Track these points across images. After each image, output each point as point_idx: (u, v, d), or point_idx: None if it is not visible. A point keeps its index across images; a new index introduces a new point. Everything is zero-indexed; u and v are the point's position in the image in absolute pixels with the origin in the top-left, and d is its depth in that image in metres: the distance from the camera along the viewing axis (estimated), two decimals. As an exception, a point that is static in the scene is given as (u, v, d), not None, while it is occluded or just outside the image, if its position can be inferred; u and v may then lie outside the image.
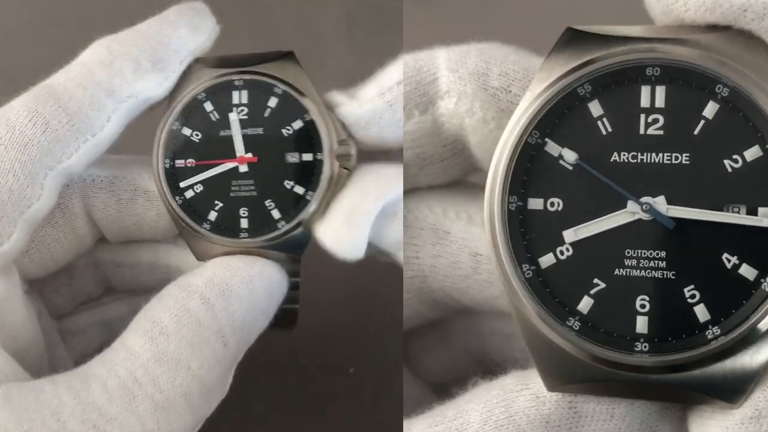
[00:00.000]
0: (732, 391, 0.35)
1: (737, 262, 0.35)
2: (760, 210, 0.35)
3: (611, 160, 0.37)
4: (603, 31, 0.38)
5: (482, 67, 0.41)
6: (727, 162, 0.36)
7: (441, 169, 0.44)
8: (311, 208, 0.44)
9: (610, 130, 0.37)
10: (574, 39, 0.38)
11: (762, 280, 0.35)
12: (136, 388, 0.39)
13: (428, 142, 0.43)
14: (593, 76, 0.37)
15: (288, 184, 0.45)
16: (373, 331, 0.54)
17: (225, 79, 0.46)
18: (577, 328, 0.37)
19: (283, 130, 0.45)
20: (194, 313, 0.41)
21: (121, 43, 0.44)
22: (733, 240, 0.35)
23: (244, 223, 0.45)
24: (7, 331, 0.42)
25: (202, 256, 0.45)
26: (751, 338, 0.35)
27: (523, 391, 0.36)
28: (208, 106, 0.46)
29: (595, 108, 0.37)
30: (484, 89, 0.40)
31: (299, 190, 0.45)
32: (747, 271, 0.35)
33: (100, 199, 0.46)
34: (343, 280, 0.46)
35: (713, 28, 0.36)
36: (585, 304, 0.37)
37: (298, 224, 0.44)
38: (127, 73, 0.44)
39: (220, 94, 0.46)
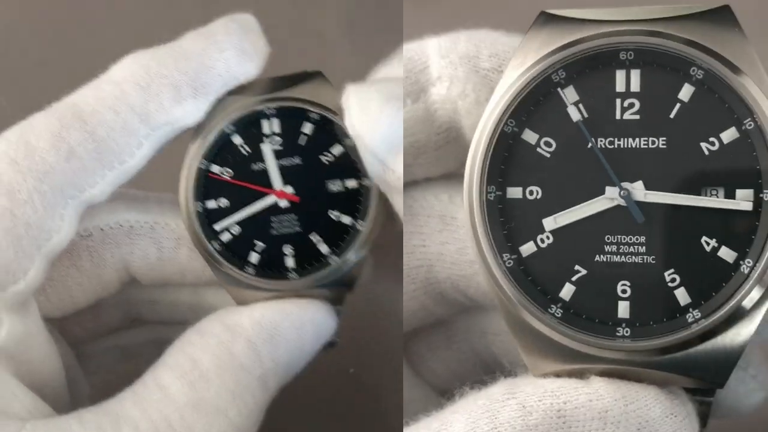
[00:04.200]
0: (715, 372, 0.35)
1: (716, 245, 0.35)
2: (738, 192, 0.35)
3: (588, 146, 0.37)
4: (577, 14, 0.37)
5: (472, 50, 0.40)
6: (703, 145, 0.35)
7: (435, 158, 0.43)
8: (361, 236, 0.42)
9: (586, 116, 0.37)
10: (548, 22, 0.37)
11: (741, 262, 0.35)
12: None
13: (421, 130, 0.42)
14: (567, 61, 0.37)
15: (333, 214, 0.43)
16: (373, 331, 0.54)
17: (254, 109, 0.42)
18: (560, 315, 0.37)
19: (322, 157, 0.43)
20: (238, 358, 0.38)
21: (161, 63, 0.41)
22: (712, 223, 0.35)
23: (290, 262, 0.42)
24: (27, 366, 0.39)
25: (244, 303, 0.42)
26: (731, 320, 0.35)
27: (509, 401, 0.35)
28: (237, 139, 0.43)
29: (571, 94, 0.37)
30: (476, 71, 0.40)
31: (346, 219, 0.42)
32: (726, 254, 0.35)
33: (139, 247, 0.43)
34: None
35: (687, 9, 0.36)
36: (567, 291, 0.37)
37: (350, 255, 0.42)
38: (164, 99, 0.40)
39: (249, 125, 0.43)
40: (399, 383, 0.47)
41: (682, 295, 0.36)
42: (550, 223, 0.37)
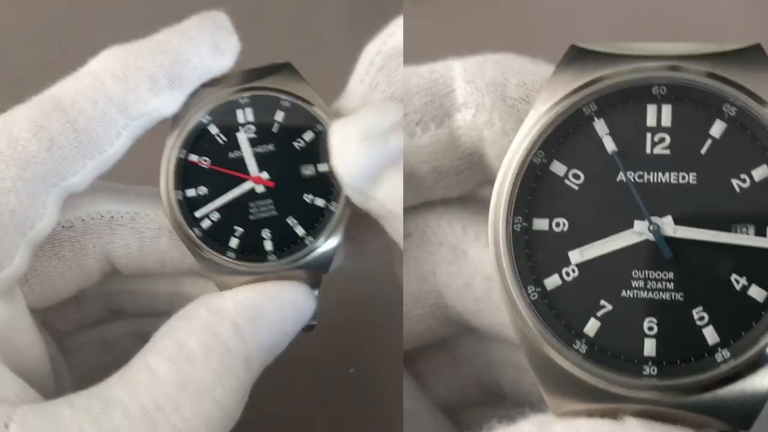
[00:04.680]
0: (743, 415, 0.34)
1: (746, 283, 0.35)
2: (769, 230, 0.35)
3: (617, 179, 0.37)
4: (608, 49, 0.37)
5: (500, 77, 0.40)
6: (734, 181, 0.35)
7: (456, 182, 0.43)
8: (334, 217, 0.43)
9: (616, 149, 0.37)
10: (578, 57, 0.38)
11: (772, 302, 0.34)
12: (159, 415, 0.37)
13: (444, 156, 0.42)
14: (599, 95, 0.37)
15: (308, 197, 0.44)
16: (373, 331, 0.54)
17: (228, 99, 0.44)
18: (584, 351, 0.36)
19: (295, 143, 0.44)
20: (223, 340, 0.39)
21: (138, 56, 0.42)
22: (742, 261, 0.35)
23: (268, 245, 0.44)
24: (13, 354, 0.40)
25: (227, 288, 0.43)
26: (761, 361, 0.34)
27: None
28: (213, 129, 0.44)
29: (601, 127, 0.37)
30: (503, 100, 0.40)
31: (320, 202, 0.44)
32: (756, 293, 0.35)
33: (120, 237, 0.44)
34: (344, 280, 0.46)
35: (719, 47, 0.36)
36: (592, 327, 0.36)
37: (325, 237, 0.43)
38: (142, 90, 0.42)
39: (224, 115, 0.44)
40: (399, 383, 0.46)
41: (710, 334, 0.35)
42: (576, 256, 0.37)
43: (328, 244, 0.44)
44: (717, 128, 0.36)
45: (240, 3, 0.45)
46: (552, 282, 0.37)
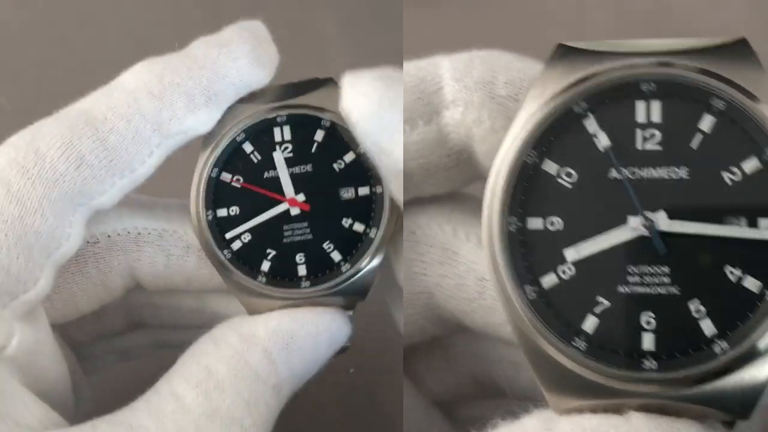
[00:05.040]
0: (742, 404, 0.35)
1: (740, 274, 0.35)
2: (761, 221, 0.35)
3: (610, 176, 0.37)
4: (595, 47, 0.37)
5: (488, 75, 0.40)
6: (725, 174, 0.36)
7: (445, 178, 0.43)
8: (374, 244, 0.42)
9: (606, 146, 0.37)
10: (565, 55, 0.38)
11: (766, 292, 0.35)
12: None
13: (433, 152, 0.41)
14: (588, 93, 0.37)
15: (346, 222, 0.42)
16: (373, 331, 0.53)
17: (265, 117, 0.43)
18: (584, 348, 0.36)
19: (335, 165, 0.43)
20: (254, 368, 0.38)
21: (174, 72, 0.40)
22: (735, 253, 0.35)
23: (302, 270, 0.42)
24: (36, 376, 0.39)
25: (256, 313, 0.42)
26: (758, 351, 0.34)
27: None
28: (248, 147, 0.43)
29: (591, 125, 0.37)
30: (492, 98, 0.40)
31: (359, 227, 0.42)
32: (751, 284, 0.35)
33: (147, 254, 0.43)
34: None
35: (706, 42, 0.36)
36: (590, 324, 0.36)
37: (363, 263, 0.42)
38: (177, 108, 0.40)
39: (260, 133, 0.43)
40: (399, 383, 0.46)
41: (707, 326, 0.35)
42: (571, 253, 0.37)
43: (365, 269, 0.42)
44: (706, 122, 0.36)
45: (240, 3, 0.44)
46: (549, 280, 0.37)
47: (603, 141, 0.37)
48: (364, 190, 0.43)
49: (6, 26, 0.40)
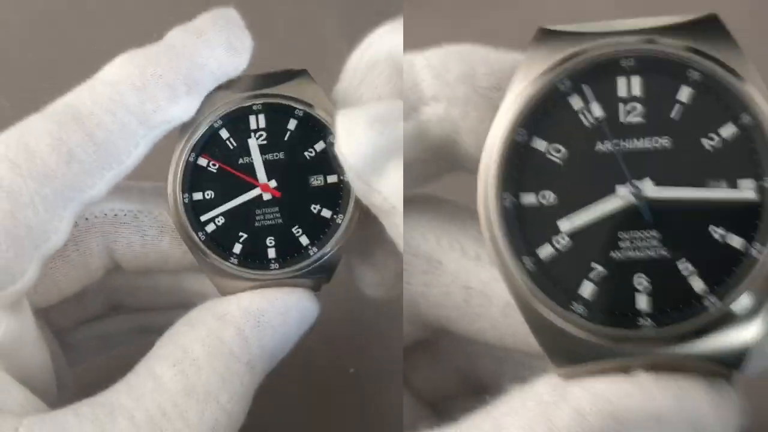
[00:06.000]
0: (734, 356, 0.37)
1: (724, 233, 0.38)
2: (740, 182, 0.38)
3: (596, 149, 0.39)
4: (574, 29, 0.40)
5: (467, 69, 0.41)
6: (705, 141, 0.38)
7: (421, 171, 0.44)
8: (340, 229, 0.43)
9: (592, 121, 0.39)
10: (547, 37, 0.40)
11: (749, 247, 0.37)
12: (164, 423, 0.37)
13: (412, 148, 0.43)
14: (571, 71, 0.39)
15: (314, 208, 0.44)
16: (373, 331, 0.54)
17: (241, 105, 0.44)
18: (582, 311, 0.38)
19: (306, 153, 0.44)
20: (228, 345, 0.39)
21: (155, 63, 0.41)
22: (718, 213, 0.38)
23: (272, 253, 0.44)
24: (18, 364, 0.40)
25: (228, 293, 0.43)
26: (746, 303, 0.37)
27: (561, 405, 0.36)
28: (224, 134, 0.44)
29: (576, 101, 0.39)
30: (474, 90, 0.41)
31: (326, 213, 0.44)
32: (735, 241, 0.37)
33: (123, 235, 0.44)
34: (343, 280, 0.46)
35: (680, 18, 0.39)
36: (586, 289, 0.38)
37: (329, 248, 0.43)
38: (160, 99, 0.41)
39: (236, 120, 0.44)
40: (399, 383, 0.47)
41: (697, 283, 0.37)
42: (565, 224, 0.39)
43: (331, 253, 0.44)
44: (684, 93, 0.38)
45: (240, 3, 0.45)
46: (545, 251, 0.39)
47: (589, 116, 0.39)
48: (332, 178, 0.44)
49: (6, 26, 0.40)
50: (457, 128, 0.42)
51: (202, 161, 0.44)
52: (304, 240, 0.44)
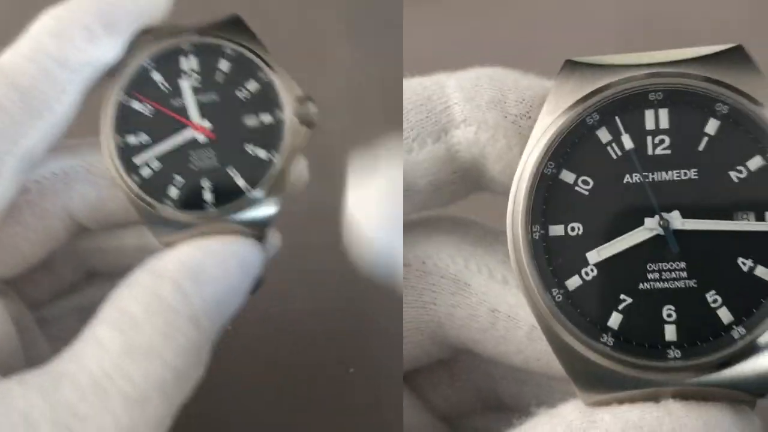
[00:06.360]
0: (759, 384, 0.37)
1: (752, 264, 0.38)
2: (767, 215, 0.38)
3: (624, 182, 0.39)
4: (602, 61, 0.40)
5: (498, 95, 0.42)
6: (732, 173, 0.38)
7: (449, 193, 0.45)
8: (275, 169, 0.43)
9: (620, 154, 0.39)
10: (574, 69, 0.40)
11: (777, 279, 0.38)
12: (108, 384, 0.37)
13: (441, 170, 0.43)
14: (600, 105, 0.39)
15: (249, 148, 0.44)
16: (373, 330, 0.54)
17: (172, 45, 0.44)
18: (611, 343, 0.39)
19: (238, 93, 0.44)
20: (166, 300, 0.39)
21: (70, 10, 0.42)
22: (746, 245, 0.38)
23: (208, 196, 0.43)
24: None
25: (166, 242, 0.43)
26: (774, 334, 0.37)
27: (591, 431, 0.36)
28: (156, 76, 0.44)
29: (604, 135, 0.40)
30: (504, 117, 0.41)
31: (262, 153, 0.44)
32: (762, 272, 0.38)
33: (77, 190, 0.44)
34: (343, 279, 0.46)
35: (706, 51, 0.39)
36: (615, 320, 0.39)
37: (265, 188, 0.43)
38: (78, 41, 0.41)
39: (167, 61, 0.44)
40: (399, 383, 0.47)
41: (724, 314, 0.38)
42: (593, 256, 0.39)
43: (268, 196, 0.43)
44: (711, 126, 0.39)
45: (239, 3, 0.45)
46: (573, 283, 0.39)
47: (615, 149, 0.39)
48: (267, 118, 0.44)
49: (6, 26, 0.40)
50: (485, 153, 0.43)
51: (135, 103, 0.44)
52: (240, 181, 0.43)
